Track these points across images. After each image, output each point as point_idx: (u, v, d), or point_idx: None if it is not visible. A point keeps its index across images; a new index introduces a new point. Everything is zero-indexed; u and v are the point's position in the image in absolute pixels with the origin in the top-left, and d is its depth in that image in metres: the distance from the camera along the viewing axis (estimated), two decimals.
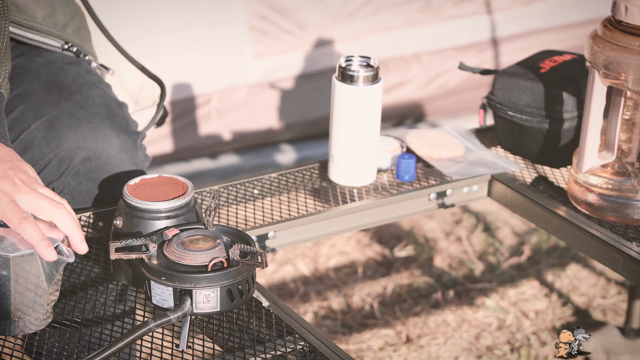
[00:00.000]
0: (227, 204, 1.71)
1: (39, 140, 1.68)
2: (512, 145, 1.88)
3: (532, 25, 3.32)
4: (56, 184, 1.66)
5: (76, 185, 1.65)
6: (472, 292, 2.60)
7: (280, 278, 2.64)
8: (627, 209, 1.66)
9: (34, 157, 1.68)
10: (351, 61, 1.73)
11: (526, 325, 2.48)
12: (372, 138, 1.76)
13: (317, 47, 3.04)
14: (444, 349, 2.39)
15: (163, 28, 2.80)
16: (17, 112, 1.72)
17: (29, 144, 1.69)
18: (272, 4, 2.95)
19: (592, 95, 1.62)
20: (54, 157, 1.67)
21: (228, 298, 1.35)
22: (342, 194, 1.76)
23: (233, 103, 2.96)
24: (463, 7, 3.21)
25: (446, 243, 2.81)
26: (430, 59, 3.20)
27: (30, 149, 1.69)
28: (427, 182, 1.81)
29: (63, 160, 1.66)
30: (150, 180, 1.49)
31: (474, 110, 3.23)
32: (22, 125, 1.71)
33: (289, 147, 3.11)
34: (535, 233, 2.84)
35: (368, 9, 3.09)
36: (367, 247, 2.78)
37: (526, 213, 1.78)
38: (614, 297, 2.60)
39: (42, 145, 1.68)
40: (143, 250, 1.37)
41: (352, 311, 2.52)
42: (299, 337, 1.38)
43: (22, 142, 1.70)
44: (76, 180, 1.65)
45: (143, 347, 1.36)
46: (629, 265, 1.60)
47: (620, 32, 1.58)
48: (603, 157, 1.67)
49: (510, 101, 1.84)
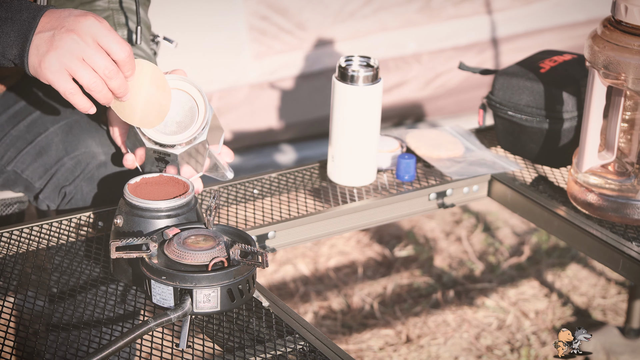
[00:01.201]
0: (227, 204, 1.71)
1: (56, 144, 1.68)
2: (512, 145, 1.88)
3: (532, 25, 3.32)
4: (69, 189, 1.66)
5: (90, 190, 1.65)
6: (472, 292, 2.60)
7: (280, 278, 2.65)
8: (627, 209, 1.66)
9: (50, 160, 1.68)
10: (351, 61, 1.73)
11: (526, 325, 2.48)
12: (372, 138, 1.76)
13: (317, 47, 3.04)
14: (444, 349, 2.40)
15: (163, 28, 2.80)
16: (36, 115, 1.72)
17: (45, 147, 1.69)
18: (272, 4, 2.95)
19: (592, 95, 1.62)
20: (69, 161, 1.66)
21: (228, 298, 1.35)
22: (342, 194, 1.77)
23: (233, 103, 2.96)
24: (463, 7, 3.21)
25: (446, 243, 2.81)
26: (430, 59, 3.21)
27: (46, 152, 1.68)
28: (427, 182, 1.81)
29: (78, 164, 1.66)
30: (151, 179, 1.49)
31: (474, 110, 3.23)
32: (40, 128, 1.71)
33: (289, 147, 3.11)
34: (535, 233, 2.84)
35: (368, 9, 3.09)
36: (367, 247, 2.78)
37: (526, 213, 1.78)
38: (614, 297, 2.60)
39: (58, 148, 1.68)
40: (143, 250, 1.37)
41: (352, 311, 2.52)
42: (299, 337, 1.38)
43: (39, 145, 1.69)
44: (90, 185, 1.65)
45: (143, 346, 1.36)
46: (629, 265, 1.60)
47: (620, 32, 1.58)
48: (603, 157, 1.67)
49: (510, 101, 1.84)
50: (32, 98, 1.75)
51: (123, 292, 1.47)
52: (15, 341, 1.36)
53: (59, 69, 1.39)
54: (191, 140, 1.52)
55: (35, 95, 1.75)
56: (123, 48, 1.41)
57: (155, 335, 1.37)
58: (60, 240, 1.58)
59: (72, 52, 1.39)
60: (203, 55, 2.89)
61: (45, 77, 1.40)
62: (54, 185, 1.67)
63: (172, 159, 1.53)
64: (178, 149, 1.51)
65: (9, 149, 1.72)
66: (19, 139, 1.71)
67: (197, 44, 2.87)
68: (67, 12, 1.41)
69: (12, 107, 1.75)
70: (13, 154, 1.71)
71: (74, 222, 1.62)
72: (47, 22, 1.40)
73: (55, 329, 1.41)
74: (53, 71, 1.39)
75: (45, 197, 1.69)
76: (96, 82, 1.40)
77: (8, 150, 1.72)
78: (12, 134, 1.72)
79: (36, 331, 1.38)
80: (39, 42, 1.39)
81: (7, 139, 1.72)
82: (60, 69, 1.39)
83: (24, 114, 1.73)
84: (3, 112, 1.75)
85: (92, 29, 1.39)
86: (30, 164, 1.70)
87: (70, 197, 1.65)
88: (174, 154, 1.52)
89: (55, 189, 1.67)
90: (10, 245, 1.56)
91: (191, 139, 1.52)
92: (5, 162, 1.72)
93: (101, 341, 1.37)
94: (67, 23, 1.39)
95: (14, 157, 1.71)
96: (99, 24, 1.39)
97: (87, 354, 1.34)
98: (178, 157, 1.52)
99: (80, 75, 1.40)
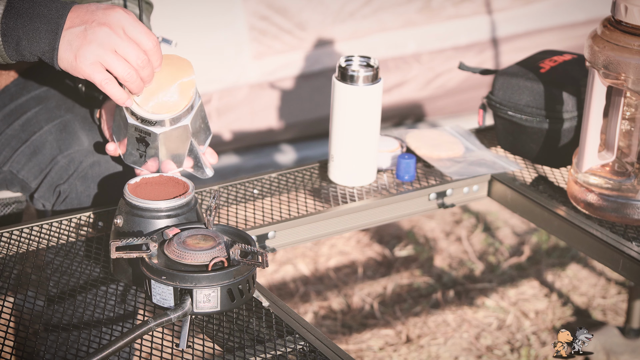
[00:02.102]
0: (227, 204, 1.71)
1: (50, 143, 1.68)
2: (512, 145, 1.88)
3: (532, 25, 3.32)
4: (63, 187, 1.66)
5: (84, 189, 1.65)
6: (472, 292, 2.60)
7: (280, 278, 2.65)
8: (627, 209, 1.66)
9: (44, 159, 1.68)
10: (351, 61, 1.73)
11: (526, 325, 2.48)
12: (372, 138, 1.76)
13: (317, 47, 3.04)
14: (444, 349, 2.40)
15: (163, 28, 2.80)
16: (31, 114, 1.73)
17: (39, 146, 1.69)
18: (272, 4, 2.95)
19: (592, 95, 1.62)
20: (63, 159, 1.66)
21: (228, 298, 1.35)
22: (342, 194, 1.76)
23: (233, 103, 2.96)
24: (463, 7, 3.21)
25: (446, 243, 2.81)
26: (430, 59, 3.21)
27: (41, 151, 1.68)
28: (427, 182, 1.81)
29: (72, 162, 1.66)
30: (151, 179, 1.49)
31: (474, 110, 3.23)
32: (34, 127, 1.71)
33: (289, 147, 3.11)
34: (535, 233, 2.84)
35: (368, 9, 3.09)
36: (367, 247, 2.78)
37: (526, 213, 1.78)
38: (614, 297, 2.60)
39: (52, 147, 1.68)
40: (144, 250, 1.37)
41: (352, 311, 2.52)
42: (299, 337, 1.38)
43: (33, 144, 1.70)
44: (84, 184, 1.65)
45: (143, 346, 1.36)
46: (629, 265, 1.60)
47: (620, 32, 1.58)
48: (603, 157, 1.67)
49: (510, 101, 1.84)
50: (27, 98, 1.75)
51: (123, 292, 1.47)
52: (15, 341, 1.36)
53: (94, 62, 1.43)
54: (174, 119, 1.51)
55: (30, 94, 1.75)
56: (150, 38, 1.45)
57: (155, 335, 1.37)
58: (60, 240, 1.58)
59: (105, 45, 1.42)
60: (203, 55, 2.89)
61: (81, 70, 1.44)
62: (48, 184, 1.68)
63: (152, 141, 1.51)
64: (159, 128, 1.51)
65: (4, 149, 1.72)
66: (14, 138, 1.72)
67: (197, 44, 2.87)
68: (94, 6, 1.45)
69: (7, 106, 1.75)
70: (8, 153, 1.71)
71: (73, 222, 1.62)
72: (76, 16, 1.44)
73: (55, 329, 1.41)
74: (88, 64, 1.43)
75: (40, 197, 1.69)
76: (130, 72, 1.44)
77: (3, 149, 1.72)
78: (7, 133, 1.72)
79: (36, 331, 1.37)
80: (70, 38, 1.43)
81: (2, 138, 1.72)
82: (95, 62, 1.43)
83: (18, 113, 1.74)
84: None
85: (122, 21, 1.43)
86: (26, 164, 1.70)
87: (64, 195, 1.65)
88: (155, 133, 1.51)
89: (49, 188, 1.67)
90: (10, 245, 1.56)
91: (174, 118, 1.51)
92: (1, 162, 1.72)
93: (101, 341, 1.37)
94: (97, 17, 1.43)
95: (9, 157, 1.71)
96: (128, 16, 1.43)
97: (87, 354, 1.34)
98: (159, 138, 1.51)
99: (114, 67, 1.43)
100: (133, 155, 1.54)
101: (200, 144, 1.56)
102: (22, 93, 1.76)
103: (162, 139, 1.51)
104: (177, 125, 1.51)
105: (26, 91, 1.76)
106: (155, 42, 1.46)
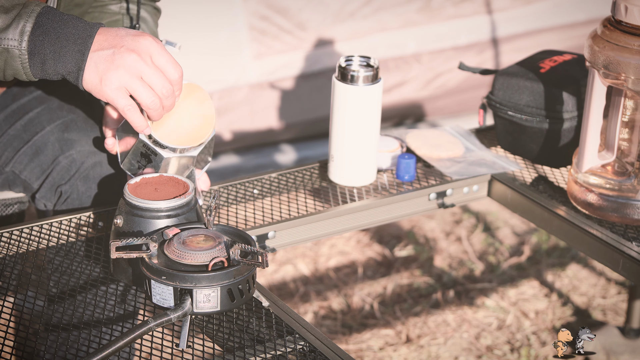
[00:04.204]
0: (227, 204, 1.71)
1: (52, 143, 1.68)
2: (512, 145, 1.88)
3: (532, 25, 3.32)
4: (65, 188, 1.66)
5: (85, 190, 1.65)
6: (472, 292, 2.60)
7: (280, 278, 2.65)
8: (627, 209, 1.66)
9: (46, 159, 1.68)
10: (351, 61, 1.73)
11: (526, 325, 2.48)
12: (372, 138, 1.76)
13: (317, 47, 3.04)
14: (444, 349, 2.40)
15: (163, 28, 2.80)
16: (33, 114, 1.73)
17: (41, 146, 1.69)
18: (272, 4, 2.95)
19: (592, 95, 1.62)
20: (64, 160, 1.66)
21: (228, 298, 1.35)
22: (342, 194, 1.77)
23: (233, 103, 2.96)
24: (463, 7, 3.21)
25: (446, 243, 2.81)
26: (430, 59, 3.21)
27: (42, 152, 1.68)
28: (427, 182, 1.81)
29: (73, 163, 1.66)
30: (151, 179, 1.49)
31: (474, 110, 3.23)
32: (36, 127, 1.71)
33: (289, 147, 3.11)
34: (535, 233, 2.84)
35: (368, 9, 3.09)
36: (367, 247, 2.78)
37: (526, 213, 1.78)
38: (614, 297, 2.60)
39: (54, 147, 1.68)
40: (143, 250, 1.37)
41: (352, 311, 2.52)
42: (299, 337, 1.38)
43: (35, 144, 1.70)
44: (86, 184, 1.65)
45: (143, 346, 1.36)
46: (629, 265, 1.60)
47: (620, 32, 1.58)
48: (603, 157, 1.67)
49: (510, 101, 1.84)
50: (30, 98, 1.75)
51: (123, 292, 1.47)
52: (15, 341, 1.36)
53: (119, 87, 1.43)
54: (183, 150, 1.52)
55: (32, 94, 1.76)
56: (176, 69, 1.45)
57: (155, 335, 1.37)
58: (60, 240, 1.58)
59: (132, 71, 1.42)
60: (203, 55, 2.89)
61: (105, 93, 1.43)
62: (50, 184, 1.68)
63: (157, 160, 1.52)
64: (168, 152, 1.52)
65: (6, 149, 1.72)
66: (16, 139, 1.72)
67: (197, 44, 2.87)
68: (123, 32, 1.44)
69: (10, 107, 1.75)
70: (10, 154, 1.71)
71: (74, 222, 1.62)
72: (104, 40, 1.43)
73: (55, 329, 1.41)
74: (113, 88, 1.43)
75: (42, 197, 1.69)
76: (154, 100, 1.44)
77: (5, 150, 1.72)
78: (9, 133, 1.72)
79: (36, 331, 1.38)
80: (97, 60, 1.43)
81: (5, 138, 1.72)
82: (120, 87, 1.43)
83: (20, 114, 1.74)
84: (0, 112, 1.75)
85: (150, 49, 1.43)
86: (28, 165, 1.70)
87: (66, 196, 1.66)
88: (161, 155, 1.52)
89: (51, 188, 1.67)
90: (10, 245, 1.56)
91: (184, 149, 1.52)
92: (4, 163, 1.72)
93: (101, 341, 1.37)
94: (127, 42, 1.43)
95: (11, 158, 1.71)
96: (156, 44, 1.43)
97: (87, 354, 1.34)
98: (164, 161, 1.52)
99: (139, 93, 1.43)
100: (132, 165, 1.55)
101: (199, 168, 1.58)
102: (25, 93, 1.76)
103: (167, 162, 1.52)
104: (185, 155, 1.52)
105: (28, 92, 1.76)
106: (181, 73, 1.46)
